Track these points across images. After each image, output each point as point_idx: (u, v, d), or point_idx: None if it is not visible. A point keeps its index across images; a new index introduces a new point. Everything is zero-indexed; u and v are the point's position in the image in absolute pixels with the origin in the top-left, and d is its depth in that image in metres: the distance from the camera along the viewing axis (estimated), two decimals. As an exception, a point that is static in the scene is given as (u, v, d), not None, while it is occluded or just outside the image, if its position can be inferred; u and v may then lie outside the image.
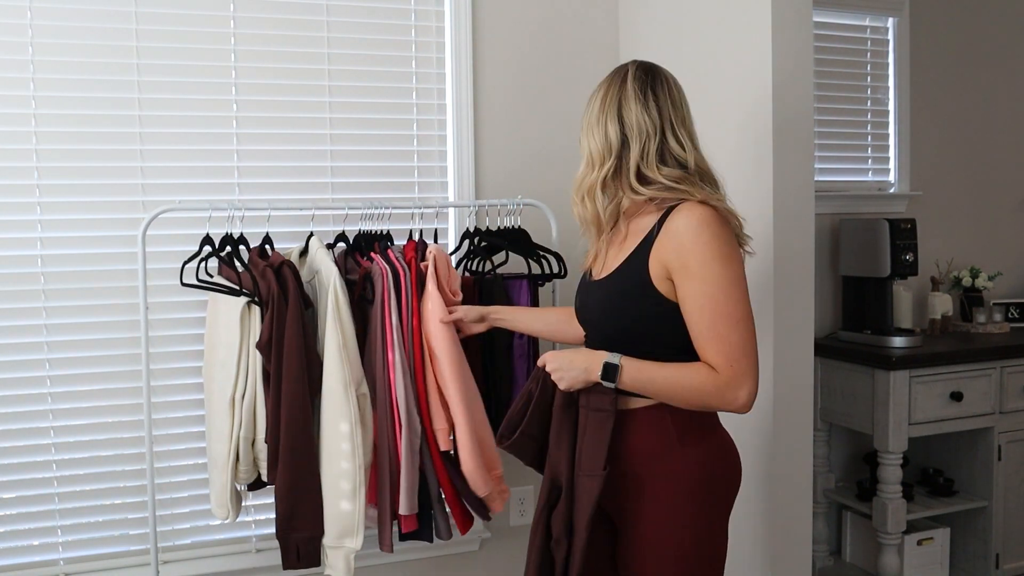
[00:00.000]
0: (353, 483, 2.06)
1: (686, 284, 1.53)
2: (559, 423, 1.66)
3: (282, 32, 2.52)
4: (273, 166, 2.53)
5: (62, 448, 2.37)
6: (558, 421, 1.67)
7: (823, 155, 3.28)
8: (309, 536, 2.10)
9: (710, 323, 1.52)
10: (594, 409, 1.61)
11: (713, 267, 1.51)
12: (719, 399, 1.52)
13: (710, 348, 1.52)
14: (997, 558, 3.07)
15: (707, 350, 1.53)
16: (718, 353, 1.51)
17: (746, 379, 1.51)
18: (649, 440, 1.60)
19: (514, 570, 2.81)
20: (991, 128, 3.60)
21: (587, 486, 1.59)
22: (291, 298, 2.05)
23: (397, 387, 2.11)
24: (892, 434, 2.85)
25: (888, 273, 3.00)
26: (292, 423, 2.04)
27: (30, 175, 2.33)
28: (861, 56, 3.36)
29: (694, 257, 1.52)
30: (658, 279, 1.57)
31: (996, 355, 3.02)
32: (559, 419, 1.67)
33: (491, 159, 2.73)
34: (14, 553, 2.36)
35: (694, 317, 1.53)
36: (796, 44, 2.19)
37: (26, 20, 2.30)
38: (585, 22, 2.83)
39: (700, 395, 1.53)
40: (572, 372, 1.61)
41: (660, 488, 1.59)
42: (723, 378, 1.51)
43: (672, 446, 1.59)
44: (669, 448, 1.59)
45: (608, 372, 1.56)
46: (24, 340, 2.34)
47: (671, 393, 1.56)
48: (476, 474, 2.13)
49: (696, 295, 1.52)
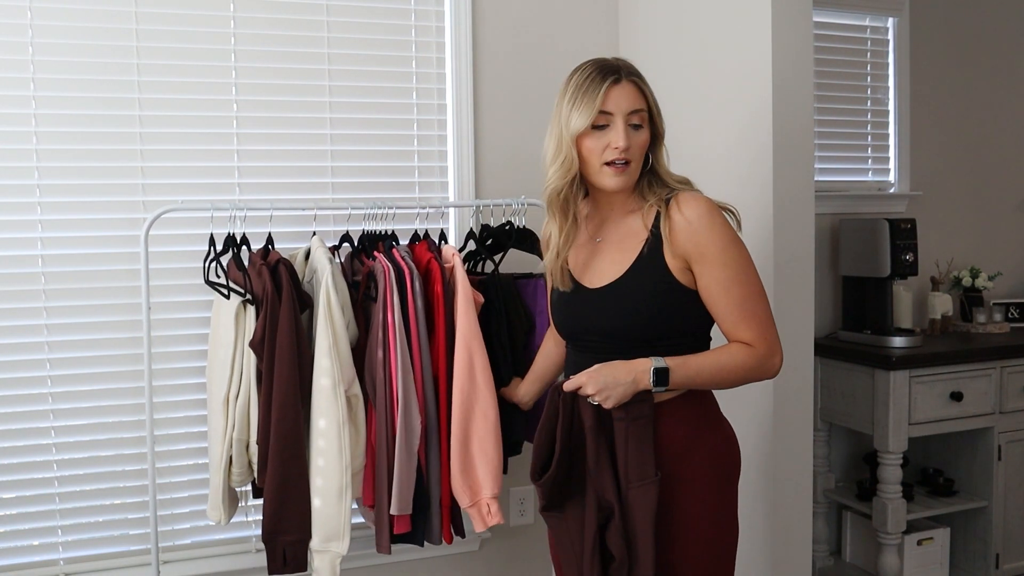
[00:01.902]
0: (332, 483, 2.04)
1: (708, 271, 1.60)
2: (596, 443, 1.61)
3: (282, 32, 2.52)
4: (273, 166, 2.53)
5: (63, 448, 2.37)
6: (594, 441, 1.61)
7: (823, 155, 3.28)
8: (296, 539, 2.08)
9: (739, 303, 1.60)
10: (634, 418, 1.59)
11: (731, 250, 1.60)
12: (760, 371, 1.63)
13: (742, 326, 1.61)
14: (997, 558, 3.07)
15: (739, 328, 1.61)
16: (750, 328, 1.61)
17: (777, 346, 1.64)
18: (676, 430, 1.64)
19: (514, 570, 2.81)
20: (991, 128, 3.60)
21: (643, 496, 1.58)
22: (285, 297, 2.04)
23: (397, 387, 2.11)
24: (892, 434, 2.85)
25: (888, 273, 3.01)
26: (281, 423, 2.03)
27: (30, 175, 2.33)
28: (861, 56, 3.36)
29: (713, 244, 1.59)
30: (679, 271, 1.62)
31: (996, 355, 3.02)
32: (595, 439, 1.61)
33: (491, 159, 2.73)
34: (14, 553, 2.36)
35: (721, 300, 1.61)
36: (796, 44, 2.19)
37: (26, 20, 2.30)
38: (585, 22, 2.83)
39: (745, 372, 1.62)
40: (619, 388, 1.57)
41: (693, 473, 1.63)
42: (760, 351, 1.61)
43: (699, 433, 1.66)
44: (696, 436, 1.66)
45: (660, 377, 1.57)
46: (25, 340, 2.34)
47: (719, 379, 1.62)
48: (455, 482, 2.15)
49: (721, 279, 1.59)
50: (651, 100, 1.67)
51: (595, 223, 1.75)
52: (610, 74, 1.63)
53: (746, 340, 1.61)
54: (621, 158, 1.62)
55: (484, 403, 2.15)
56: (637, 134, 1.64)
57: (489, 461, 2.15)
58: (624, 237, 1.68)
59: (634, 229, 1.67)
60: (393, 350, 2.11)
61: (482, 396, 2.15)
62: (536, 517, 2.81)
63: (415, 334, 2.15)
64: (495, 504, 2.16)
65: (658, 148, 1.69)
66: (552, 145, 1.68)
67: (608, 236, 1.71)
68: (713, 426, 1.70)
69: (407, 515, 2.14)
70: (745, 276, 1.61)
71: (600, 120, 1.62)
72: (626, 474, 1.60)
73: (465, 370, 2.14)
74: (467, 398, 2.14)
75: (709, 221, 1.59)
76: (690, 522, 1.63)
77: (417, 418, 2.12)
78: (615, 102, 1.62)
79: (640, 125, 1.65)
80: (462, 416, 2.14)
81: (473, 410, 2.15)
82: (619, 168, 1.63)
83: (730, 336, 1.64)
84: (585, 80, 1.64)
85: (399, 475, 2.10)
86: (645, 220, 1.66)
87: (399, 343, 2.11)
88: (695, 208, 1.60)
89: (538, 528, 2.82)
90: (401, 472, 2.10)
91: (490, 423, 2.15)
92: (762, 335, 1.61)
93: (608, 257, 1.69)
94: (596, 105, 1.61)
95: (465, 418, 2.15)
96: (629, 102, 1.63)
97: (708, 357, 1.63)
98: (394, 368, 2.11)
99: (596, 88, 1.62)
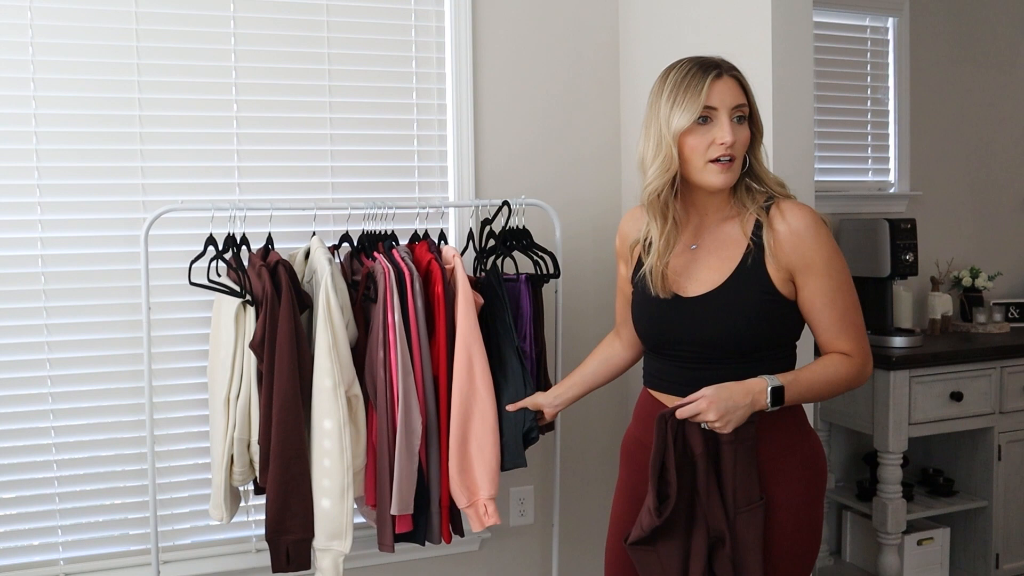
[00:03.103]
0: (336, 483, 2.05)
1: (813, 281, 1.59)
2: (706, 471, 1.57)
3: (282, 32, 2.52)
4: (273, 166, 2.53)
5: (62, 448, 2.37)
6: (704, 470, 1.57)
7: (823, 155, 3.28)
8: (299, 538, 2.08)
9: (842, 314, 1.60)
10: (741, 441, 1.56)
11: (835, 261, 1.60)
12: (857, 381, 1.63)
13: (842, 337, 1.61)
14: (997, 558, 3.08)
15: (839, 339, 1.61)
16: (850, 339, 1.61)
17: (870, 354, 1.64)
18: (776, 436, 1.62)
19: (514, 570, 2.81)
20: (991, 128, 3.60)
21: (751, 520, 1.56)
22: (284, 298, 2.05)
23: (398, 387, 2.11)
24: (892, 434, 2.85)
25: (888, 273, 3.01)
26: (282, 423, 2.03)
27: (30, 175, 2.33)
28: (861, 56, 3.36)
29: (820, 255, 1.58)
30: (781, 282, 1.60)
31: (996, 355, 3.02)
32: (705, 466, 1.57)
33: (491, 159, 2.73)
34: (14, 553, 2.35)
35: (824, 312, 1.60)
36: (796, 44, 2.19)
37: (26, 20, 2.30)
38: (585, 22, 2.83)
39: (846, 384, 1.62)
40: (739, 412, 1.52)
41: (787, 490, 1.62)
42: (858, 361, 1.62)
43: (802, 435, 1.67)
44: (799, 438, 1.66)
45: (776, 397, 1.55)
46: (25, 340, 2.33)
47: (825, 393, 1.63)
48: (453, 482, 2.15)
49: (826, 290, 1.59)
50: (751, 97, 1.62)
51: (689, 229, 1.70)
52: (712, 69, 1.58)
53: (845, 351, 1.61)
54: (727, 154, 1.57)
55: (483, 405, 2.15)
56: (741, 129, 1.59)
57: (487, 462, 2.15)
58: (722, 245, 1.64)
59: (733, 237, 1.63)
60: (393, 351, 2.11)
61: (481, 398, 2.15)
62: (536, 517, 2.81)
63: (415, 335, 2.15)
64: (492, 505, 2.17)
65: (757, 147, 1.65)
66: (651, 145, 1.61)
67: (704, 243, 1.66)
68: (808, 427, 1.70)
69: (408, 514, 2.15)
70: (848, 287, 1.61)
71: (704, 115, 1.57)
72: (734, 499, 1.56)
73: (464, 371, 2.14)
74: (466, 399, 2.15)
75: (815, 232, 1.57)
76: (785, 540, 1.61)
77: (418, 418, 2.12)
78: (719, 97, 1.56)
79: (744, 119, 1.60)
80: (461, 417, 2.15)
81: (472, 411, 2.15)
82: (725, 165, 1.58)
83: (828, 347, 1.63)
84: (685, 76, 1.58)
85: (400, 475, 2.10)
86: (744, 228, 1.62)
87: (399, 344, 2.11)
88: (801, 218, 1.58)
89: (538, 528, 2.82)
90: (402, 472, 2.10)
91: (488, 425, 2.15)
92: (860, 345, 1.62)
93: (706, 265, 1.64)
94: (701, 101, 1.55)
95: (464, 419, 2.15)
96: (733, 96, 1.58)
97: (815, 371, 1.61)
98: (394, 369, 2.11)
99: (699, 83, 1.56)
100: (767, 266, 1.59)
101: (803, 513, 1.64)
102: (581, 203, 2.82)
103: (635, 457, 1.78)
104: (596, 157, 2.85)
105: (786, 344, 1.67)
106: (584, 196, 2.83)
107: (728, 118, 1.57)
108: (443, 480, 2.19)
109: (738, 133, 1.58)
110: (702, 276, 1.64)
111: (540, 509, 2.82)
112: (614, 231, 2.88)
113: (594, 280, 2.85)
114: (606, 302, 2.87)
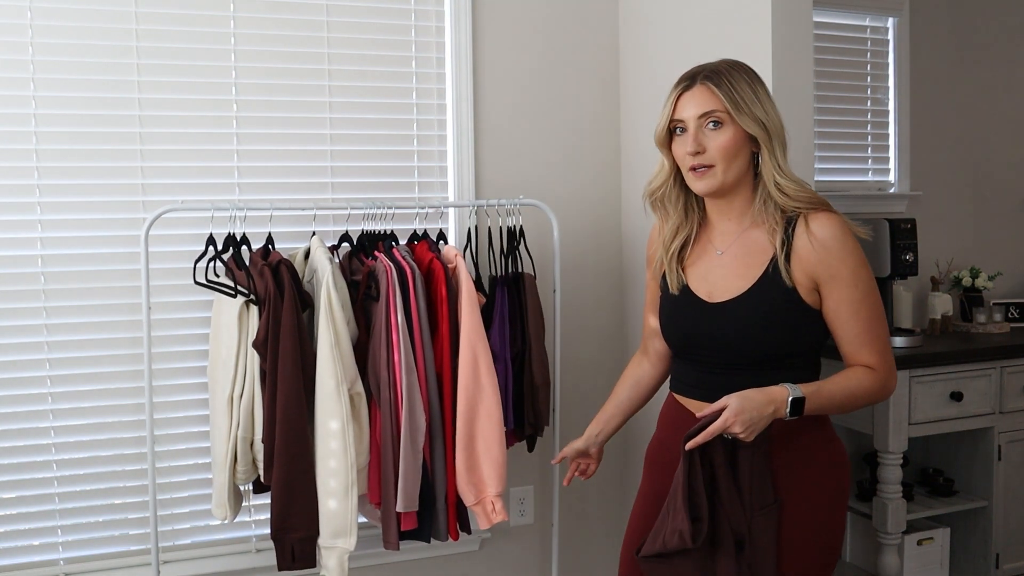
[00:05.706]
0: (342, 482, 2.06)
1: (838, 291, 1.58)
2: (727, 478, 1.58)
3: (282, 32, 2.52)
4: (273, 166, 2.53)
5: (62, 448, 2.37)
6: (726, 477, 1.57)
7: (823, 155, 3.28)
8: (304, 536, 2.10)
9: (867, 326, 1.59)
10: (757, 446, 1.57)
11: (861, 273, 1.59)
12: (880, 395, 1.62)
13: (866, 349, 1.60)
14: (997, 558, 3.07)
15: (863, 351, 1.60)
16: (874, 352, 1.60)
17: (894, 368, 1.63)
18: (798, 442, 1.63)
19: (514, 570, 2.81)
20: (991, 128, 3.60)
21: (766, 522, 1.57)
22: (287, 297, 2.06)
23: (401, 385, 2.11)
24: (892, 434, 2.85)
25: (888, 273, 3.00)
26: (286, 422, 2.04)
27: (30, 175, 2.33)
28: (861, 56, 3.35)
29: (846, 266, 1.57)
30: (806, 291, 1.60)
31: (996, 355, 3.01)
32: (726, 474, 1.57)
33: (491, 159, 2.73)
34: (14, 553, 2.36)
35: (849, 322, 1.59)
36: (796, 44, 2.19)
37: (26, 20, 2.30)
38: (585, 22, 2.83)
39: (869, 397, 1.61)
40: (762, 422, 1.53)
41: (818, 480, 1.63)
42: (882, 374, 1.61)
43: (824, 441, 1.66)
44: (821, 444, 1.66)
45: (796, 408, 1.55)
46: (24, 340, 2.34)
47: (846, 405, 1.61)
48: (461, 480, 2.16)
49: (851, 301, 1.58)
50: (729, 101, 1.58)
51: (714, 234, 1.71)
52: (684, 81, 1.64)
53: (869, 363, 1.60)
54: (696, 163, 1.60)
55: (488, 402, 2.16)
56: (716, 134, 1.59)
57: (493, 459, 2.16)
58: (749, 252, 1.64)
59: (760, 244, 1.63)
60: (396, 349, 2.11)
61: (486, 395, 2.15)
62: (536, 517, 2.81)
63: (418, 333, 2.16)
64: (499, 502, 2.18)
65: (761, 151, 1.61)
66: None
67: (731, 249, 1.67)
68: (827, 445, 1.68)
69: (413, 512, 2.15)
70: (874, 298, 1.60)
71: (676, 127, 1.63)
72: (750, 503, 1.58)
73: (470, 370, 2.15)
74: (471, 397, 2.15)
75: (843, 242, 1.57)
76: (802, 545, 1.61)
77: (422, 416, 2.13)
78: (683, 108, 1.62)
79: (719, 124, 1.59)
80: (466, 415, 2.15)
81: (477, 409, 2.16)
82: (699, 172, 1.61)
83: (851, 358, 1.62)
84: (670, 89, 1.66)
85: (404, 472, 2.11)
86: (772, 236, 1.62)
87: (402, 342, 2.11)
88: (829, 229, 1.57)
89: (538, 528, 2.82)
90: (406, 470, 2.11)
91: (494, 422, 2.16)
92: (884, 358, 1.61)
93: (732, 271, 1.65)
94: (667, 113, 1.64)
95: (470, 417, 2.16)
96: (699, 105, 1.59)
97: (838, 384, 1.59)
98: (398, 367, 2.12)
99: (670, 96, 1.64)
100: (793, 274, 1.59)
101: (821, 519, 1.64)
102: (581, 203, 2.82)
103: (661, 461, 1.77)
104: (596, 157, 2.85)
105: (810, 352, 1.66)
106: (584, 196, 2.83)
107: (694, 128, 1.60)
108: (449, 478, 2.19)
109: (711, 139, 1.59)
110: (727, 282, 1.65)
111: (540, 509, 2.82)
112: (614, 231, 2.89)
113: (593, 280, 2.85)
114: (605, 302, 2.88)
